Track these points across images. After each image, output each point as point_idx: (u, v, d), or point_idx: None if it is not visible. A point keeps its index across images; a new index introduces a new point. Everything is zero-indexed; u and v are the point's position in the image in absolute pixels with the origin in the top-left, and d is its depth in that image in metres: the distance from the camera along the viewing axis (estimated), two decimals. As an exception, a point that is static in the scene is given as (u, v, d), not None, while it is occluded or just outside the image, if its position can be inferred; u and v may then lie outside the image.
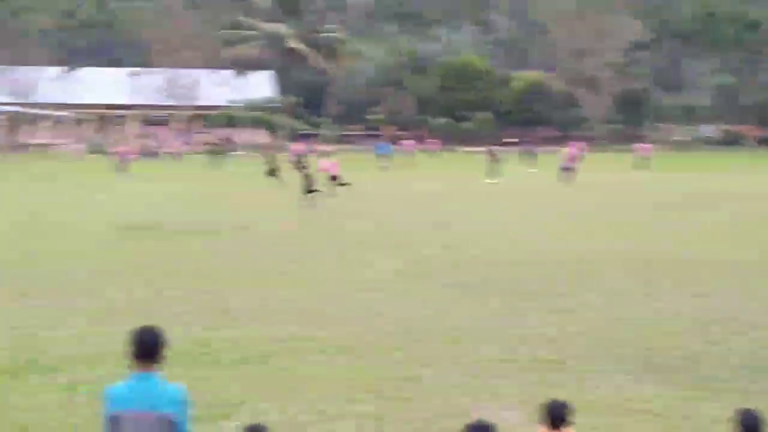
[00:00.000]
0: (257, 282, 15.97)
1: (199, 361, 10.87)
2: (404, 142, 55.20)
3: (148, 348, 5.44)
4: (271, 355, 11.18)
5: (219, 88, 70.83)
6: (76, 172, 43.13)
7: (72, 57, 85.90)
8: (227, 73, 72.34)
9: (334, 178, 33.54)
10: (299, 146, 54.20)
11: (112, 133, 74.75)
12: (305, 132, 75.10)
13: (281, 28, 75.80)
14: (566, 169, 40.86)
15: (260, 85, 77.25)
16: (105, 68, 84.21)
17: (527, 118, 77.16)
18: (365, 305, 13.97)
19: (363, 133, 77.74)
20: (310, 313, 13.43)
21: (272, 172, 37.50)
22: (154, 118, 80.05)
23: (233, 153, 60.25)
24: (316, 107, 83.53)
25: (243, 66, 72.86)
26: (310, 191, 29.16)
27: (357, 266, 17.56)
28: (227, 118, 74.19)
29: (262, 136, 74.96)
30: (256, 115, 73.12)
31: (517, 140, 65.59)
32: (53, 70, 72.21)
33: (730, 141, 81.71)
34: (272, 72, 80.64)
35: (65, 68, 76.42)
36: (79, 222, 24.48)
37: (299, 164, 37.67)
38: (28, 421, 8.73)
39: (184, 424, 5.40)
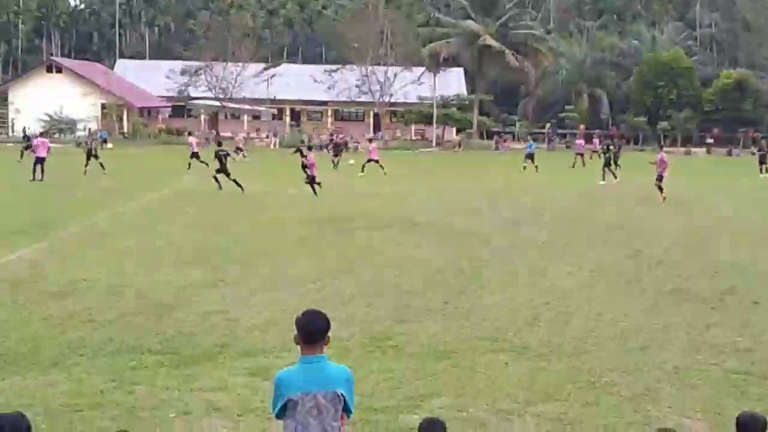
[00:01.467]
0: (440, 281, 16.00)
1: (385, 354, 11.03)
2: (577, 141, 53.80)
3: (315, 331, 5.59)
4: (454, 351, 11.20)
5: (412, 85, 71.48)
6: (269, 164, 44.60)
7: (273, 54, 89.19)
8: (421, 70, 72.90)
9: (375, 161, 39.09)
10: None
11: (307, 128, 77.02)
12: (496, 130, 74.77)
13: (477, 25, 75.73)
14: None
15: (453, 83, 77.51)
16: (303, 65, 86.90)
17: (732, 118, 73.55)
18: (552, 309, 13.73)
19: (554, 131, 76.47)
20: (490, 313, 13.35)
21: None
22: (348, 113, 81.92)
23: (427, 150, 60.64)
24: (508, 105, 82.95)
25: (437, 63, 73.25)
26: None
27: (542, 270, 17.27)
28: (419, 114, 74.84)
29: (452, 133, 75.23)
30: (447, 112, 73.45)
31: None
32: (254, 67, 75.03)
33: None
34: (465, 69, 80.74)
35: (265, 65, 79.28)
36: (271, 213, 25.31)
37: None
38: (220, 403, 9.11)
39: (351, 401, 5.64)
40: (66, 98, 69.32)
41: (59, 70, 73.83)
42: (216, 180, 31.11)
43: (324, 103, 79.84)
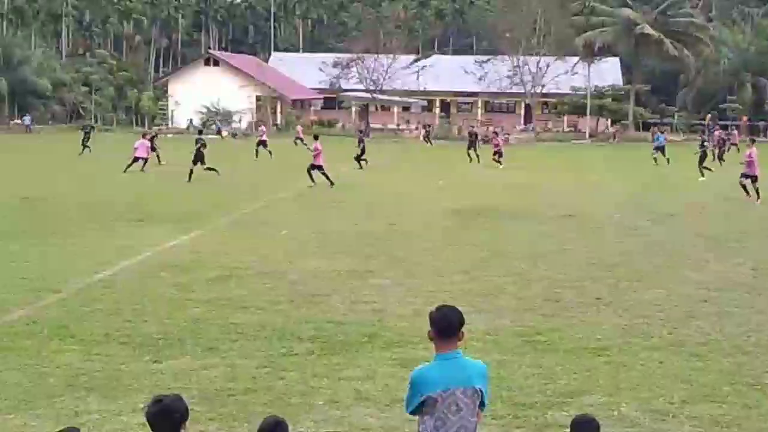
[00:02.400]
0: (592, 274, 15.64)
1: (535, 349, 10.86)
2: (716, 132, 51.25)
3: (450, 326, 5.51)
4: (607, 348, 10.90)
5: (565, 75, 70.23)
6: (420, 156, 44.80)
7: (423, 46, 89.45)
8: (574, 60, 71.52)
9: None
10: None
11: (457, 119, 76.92)
12: (653, 121, 72.56)
13: (634, 13, 73.60)
14: None
15: (607, 73, 75.67)
16: (454, 56, 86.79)
17: None
18: (711, 305, 13.19)
19: (714, 122, 73.60)
20: (645, 308, 12.95)
21: None
22: (498, 104, 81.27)
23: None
24: (666, 96, 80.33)
25: (591, 53, 71.65)
26: None
27: (700, 265, 16.64)
28: (572, 105, 73.54)
29: (606, 125, 73.55)
30: (602, 103, 71.84)
31: None
32: (405, 59, 75.48)
33: None
34: (620, 59, 78.73)
35: (416, 56, 79.62)
36: (418, 204, 25.38)
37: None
38: (367, 392, 9.16)
39: (486, 396, 5.58)
40: (223, 91, 71.57)
41: (216, 63, 76.35)
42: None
43: (474, 94, 79.47)
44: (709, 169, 35.72)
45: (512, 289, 14.23)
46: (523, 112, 79.35)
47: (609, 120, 74.27)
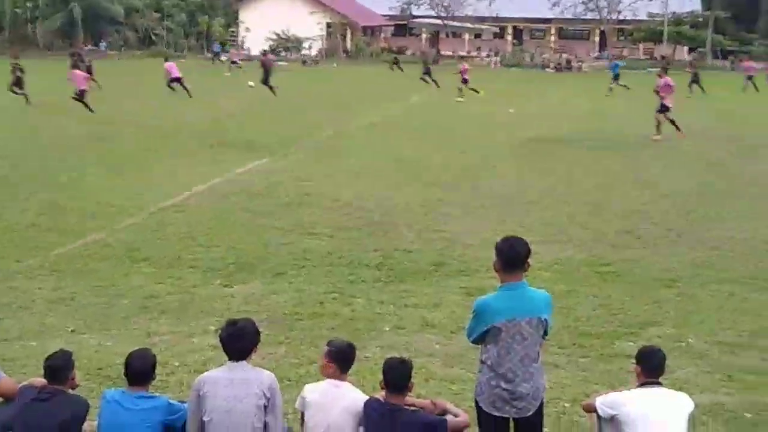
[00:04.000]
0: (669, 206, 15.40)
1: (604, 279, 10.77)
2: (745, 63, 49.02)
3: (516, 257, 5.51)
4: (676, 280, 10.78)
5: (642, 1, 68.39)
6: (491, 84, 44.23)
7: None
8: (652, -15, 69.54)
9: (465, 81, 36.54)
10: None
11: (530, 46, 75.63)
12: (731, 49, 70.38)
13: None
14: None
15: (686, -1, 73.50)
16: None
17: None
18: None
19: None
20: (720, 243, 12.71)
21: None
22: (572, 31, 79.54)
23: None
24: (746, 23, 77.65)
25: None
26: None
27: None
28: (649, 32, 71.67)
29: (683, 53, 71.60)
30: (679, 30, 69.83)
31: None
32: (477, -16, 74.31)
33: None
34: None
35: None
36: (490, 132, 25.14)
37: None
38: (434, 320, 9.21)
39: (550, 324, 5.62)
40: (293, 17, 71.27)
41: (288, -11, 75.92)
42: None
43: (547, 20, 77.87)
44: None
45: (583, 219, 14.10)
46: (597, 39, 77.59)
47: (686, 48, 72.20)
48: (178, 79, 34.79)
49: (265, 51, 41.90)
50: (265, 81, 35.06)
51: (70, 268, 10.93)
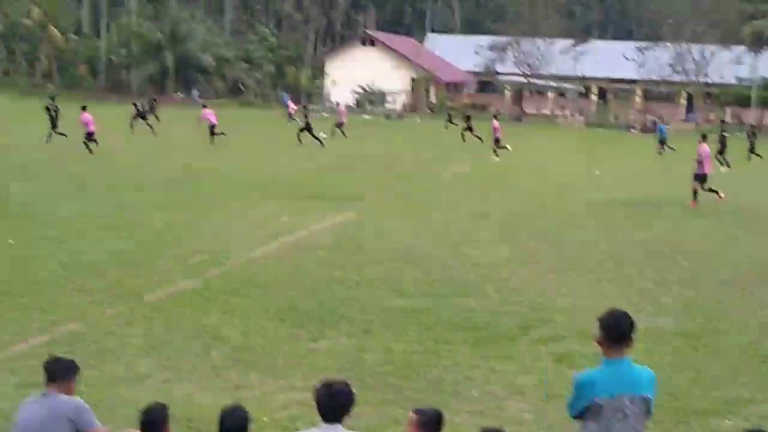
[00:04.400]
0: (762, 275, 14.98)
1: (698, 351, 10.48)
2: None
3: (623, 333, 5.38)
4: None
5: (731, 65, 67.36)
6: (574, 143, 43.92)
7: (582, 30, 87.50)
8: (741, 50, 68.43)
9: (497, 141, 35.87)
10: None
11: (614, 107, 75.03)
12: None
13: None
14: None
15: (775, 63, 72.20)
16: (613, 42, 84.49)
17: None
18: None
19: None
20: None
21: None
22: (658, 93, 78.68)
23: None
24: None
25: (759, 42, 68.43)
26: None
27: None
28: (737, 96, 70.55)
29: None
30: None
31: None
32: (562, 43, 74.02)
33: None
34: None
35: (574, 41, 77.95)
36: (575, 192, 24.88)
37: None
38: (523, 387, 9.04)
39: (653, 404, 5.47)
40: (378, 71, 72.06)
41: (373, 43, 76.83)
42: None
43: (633, 81, 77.21)
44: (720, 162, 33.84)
45: (676, 288, 13.76)
46: (684, 101, 76.63)
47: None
48: (212, 126, 35.84)
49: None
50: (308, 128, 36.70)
51: (162, 316, 11.08)
